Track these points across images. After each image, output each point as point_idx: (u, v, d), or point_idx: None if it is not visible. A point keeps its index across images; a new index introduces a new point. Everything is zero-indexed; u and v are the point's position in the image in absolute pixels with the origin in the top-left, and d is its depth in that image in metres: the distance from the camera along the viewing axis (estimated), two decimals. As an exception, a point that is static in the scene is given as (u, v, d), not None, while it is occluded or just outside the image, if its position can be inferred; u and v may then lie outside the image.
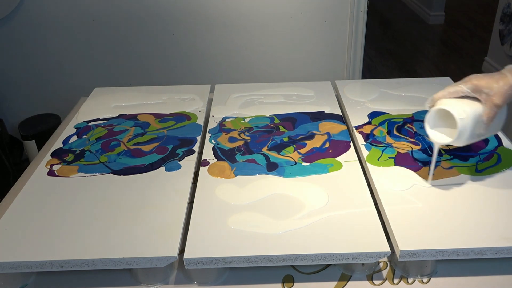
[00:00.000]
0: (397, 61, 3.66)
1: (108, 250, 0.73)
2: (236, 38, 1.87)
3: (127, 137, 1.06)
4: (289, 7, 1.82)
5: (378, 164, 0.93)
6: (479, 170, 0.91)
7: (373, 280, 0.76)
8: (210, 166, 0.95)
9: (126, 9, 1.80)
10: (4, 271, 0.73)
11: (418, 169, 0.91)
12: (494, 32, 3.22)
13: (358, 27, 1.86)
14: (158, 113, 1.17)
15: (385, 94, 1.23)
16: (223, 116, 1.15)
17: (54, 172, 0.94)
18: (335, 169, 0.92)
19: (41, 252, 0.74)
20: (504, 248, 0.72)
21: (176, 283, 0.77)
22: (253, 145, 1.02)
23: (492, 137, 1.01)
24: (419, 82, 1.30)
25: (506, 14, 3.03)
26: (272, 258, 0.72)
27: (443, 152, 0.97)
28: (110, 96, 1.28)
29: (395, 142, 1.00)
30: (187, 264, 0.72)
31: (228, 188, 0.88)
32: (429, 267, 0.77)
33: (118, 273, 0.79)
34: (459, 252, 0.72)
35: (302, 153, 0.98)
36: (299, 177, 0.90)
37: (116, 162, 0.97)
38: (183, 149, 1.01)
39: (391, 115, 1.12)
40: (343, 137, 1.03)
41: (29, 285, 0.78)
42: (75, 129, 1.12)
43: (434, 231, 0.75)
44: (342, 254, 0.72)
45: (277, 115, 1.14)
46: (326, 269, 0.79)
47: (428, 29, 4.37)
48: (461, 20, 4.51)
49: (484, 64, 3.41)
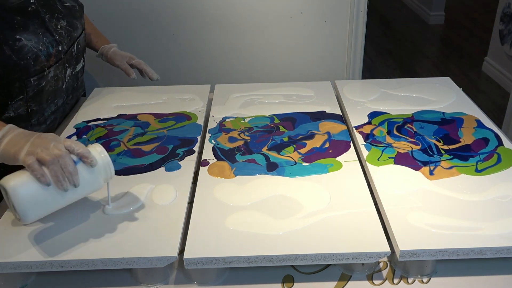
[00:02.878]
0: (397, 61, 3.66)
1: (108, 250, 0.73)
2: (236, 38, 1.87)
3: (127, 137, 1.06)
4: (289, 7, 1.82)
5: (378, 164, 0.93)
6: (479, 170, 0.91)
7: (373, 280, 0.76)
8: (210, 166, 0.95)
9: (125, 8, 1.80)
10: (4, 271, 0.73)
11: (418, 168, 0.91)
12: (494, 32, 3.22)
13: (358, 27, 1.86)
14: (158, 113, 1.17)
15: (385, 94, 1.23)
16: (223, 116, 1.15)
17: (54, 172, 0.94)
18: (335, 169, 0.92)
19: (41, 252, 0.74)
20: (504, 248, 0.72)
21: (176, 283, 0.77)
22: (253, 145, 1.02)
23: (492, 137, 1.02)
24: (419, 82, 1.30)
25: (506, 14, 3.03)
26: (272, 258, 0.72)
27: (443, 152, 0.97)
28: (110, 96, 1.28)
29: (395, 142, 1.00)
30: (187, 264, 0.72)
31: (228, 188, 0.88)
32: (429, 267, 0.77)
33: (118, 273, 0.79)
34: (459, 252, 0.72)
35: (302, 153, 0.98)
36: (299, 177, 0.90)
37: (116, 162, 0.97)
38: (183, 149, 1.01)
39: (391, 115, 1.12)
40: (343, 137, 1.03)
41: (29, 285, 0.78)
42: (75, 129, 1.11)
43: (434, 231, 0.75)
44: (342, 254, 0.72)
45: (277, 115, 1.14)
46: (326, 269, 0.79)
47: (428, 29, 4.37)
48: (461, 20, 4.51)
49: (484, 64, 3.41)
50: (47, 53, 1.03)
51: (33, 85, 1.02)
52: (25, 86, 1.01)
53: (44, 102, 1.09)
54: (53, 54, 1.05)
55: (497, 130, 1.04)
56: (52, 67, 1.06)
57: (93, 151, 0.77)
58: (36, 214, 0.75)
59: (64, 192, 0.74)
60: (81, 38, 1.20)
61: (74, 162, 0.74)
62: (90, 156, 0.75)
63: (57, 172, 0.72)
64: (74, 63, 1.19)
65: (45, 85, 1.06)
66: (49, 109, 1.12)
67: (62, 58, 1.10)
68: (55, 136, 0.78)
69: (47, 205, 0.74)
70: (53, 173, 0.72)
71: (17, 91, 1.01)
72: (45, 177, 0.72)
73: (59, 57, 1.08)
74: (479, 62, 3.50)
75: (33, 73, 1.01)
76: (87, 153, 0.75)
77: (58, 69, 1.09)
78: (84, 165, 0.75)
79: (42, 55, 1.02)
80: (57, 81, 1.11)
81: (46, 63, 1.04)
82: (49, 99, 1.10)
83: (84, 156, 0.74)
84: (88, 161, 0.75)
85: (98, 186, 0.79)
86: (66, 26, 1.12)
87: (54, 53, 1.05)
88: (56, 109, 1.16)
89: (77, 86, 1.27)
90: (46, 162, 0.72)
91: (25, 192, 0.71)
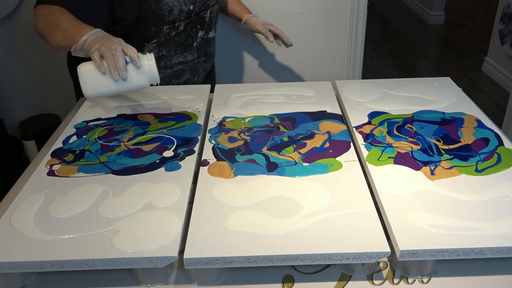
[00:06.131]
0: (397, 61, 3.66)
1: (108, 250, 0.73)
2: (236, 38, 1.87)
3: (127, 137, 1.06)
4: (289, 7, 1.82)
5: (378, 164, 0.93)
6: (479, 170, 0.91)
7: (373, 280, 0.76)
8: (210, 166, 0.95)
9: (126, 9, 1.80)
10: (4, 271, 0.73)
11: (418, 168, 0.91)
12: (494, 32, 3.22)
13: (358, 27, 1.86)
14: (158, 113, 1.17)
15: (385, 94, 1.23)
16: (223, 116, 1.15)
17: (54, 172, 0.94)
18: (335, 169, 0.92)
19: (41, 252, 0.74)
20: (504, 248, 0.72)
21: (176, 283, 0.77)
22: (253, 145, 1.02)
23: (492, 137, 1.02)
24: (419, 82, 1.30)
25: (506, 14, 3.03)
26: (272, 258, 0.72)
27: (443, 152, 0.97)
28: (110, 96, 1.28)
29: (395, 142, 1.00)
30: (187, 264, 0.72)
31: (228, 188, 0.88)
32: (429, 267, 0.77)
33: (118, 273, 0.79)
34: (459, 252, 0.72)
35: (302, 153, 0.98)
36: (299, 177, 0.90)
37: (116, 162, 0.97)
38: (184, 149, 1.01)
39: (391, 115, 1.12)
40: (343, 137, 1.03)
41: (29, 285, 0.78)
42: (75, 129, 1.12)
43: (434, 231, 0.75)
44: (342, 254, 0.72)
45: (277, 114, 1.14)
46: (326, 269, 0.79)
47: (428, 29, 4.37)
48: (461, 20, 4.51)
49: (484, 64, 3.41)
50: (180, 9, 1.26)
51: (165, 33, 1.27)
52: (158, 32, 1.26)
53: (173, 50, 1.32)
54: (184, 11, 1.27)
55: (497, 130, 1.04)
56: (183, 22, 1.28)
57: (143, 58, 1.00)
58: (94, 93, 1.00)
59: (115, 82, 0.98)
60: (214, 8, 1.39)
61: (126, 61, 0.98)
62: (136, 59, 0.98)
63: (111, 65, 0.97)
64: (207, 28, 1.38)
65: (175, 36, 1.29)
66: (177, 58, 1.35)
67: (193, 18, 1.30)
68: (120, 41, 1.00)
69: (102, 87, 0.99)
70: (108, 65, 0.97)
71: (152, 35, 1.27)
72: (101, 67, 0.97)
73: (189, 15, 1.29)
74: (479, 62, 3.50)
75: (166, 23, 1.26)
76: (135, 57, 0.98)
77: (189, 26, 1.31)
78: (133, 65, 0.99)
79: (176, 9, 1.25)
80: (187, 37, 1.33)
81: (177, 17, 1.27)
82: (177, 50, 1.33)
83: (132, 58, 0.98)
84: (134, 63, 0.98)
85: (143, 84, 1.02)
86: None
87: (186, 10, 1.27)
88: (184, 61, 1.37)
89: (210, 52, 1.46)
90: (105, 56, 0.97)
91: (87, 75, 0.98)
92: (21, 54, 1.93)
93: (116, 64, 0.96)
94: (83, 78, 0.98)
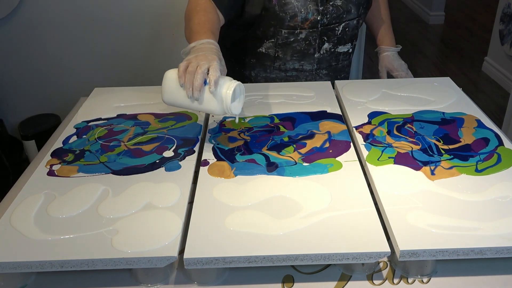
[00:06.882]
0: (397, 61, 3.65)
1: (108, 250, 0.73)
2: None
3: (127, 137, 1.06)
4: (289, 7, 1.82)
5: (378, 164, 0.93)
6: (479, 170, 0.91)
7: (373, 280, 0.76)
8: (210, 166, 0.95)
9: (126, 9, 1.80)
10: (4, 271, 0.73)
11: (418, 168, 0.91)
12: (494, 32, 3.22)
13: (358, 27, 1.86)
14: (158, 113, 1.17)
15: (385, 94, 1.23)
16: (223, 116, 1.15)
17: (54, 172, 0.94)
18: (335, 169, 0.92)
19: (41, 252, 0.74)
20: (504, 248, 0.72)
21: (176, 283, 0.77)
22: (253, 145, 1.02)
23: (492, 137, 1.02)
24: (419, 82, 1.30)
25: (506, 14, 3.03)
26: (272, 258, 0.72)
27: (443, 152, 0.97)
28: (110, 96, 1.28)
29: (395, 142, 1.00)
30: (187, 264, 0.72)
31: (228, 188, 0.88)
32: (429, 267, 0.77)
33: (118, 273, 0.79)
34: (459, 252, 0.72)
35: (302, 153, 0.98)
36: (299, 177, 0.90)
37: (116, 162, 0.97)
38: (184, 149, 1.01)
39: (391, 115, 1.12)
40: (343, 137, 1.03)
41: (29, 285, 0.78)
42: (75, 129, 1.11)
43: (434, 231, 0.75)
44: (342, 254, 0.72)
45: (277, 114, 1.14)
46: (326, 269, 0.79)
47: (428, 29, 4.37)
48: (461, 20, 4.52)
49: (484, 64, 3.41)
50: (305, 17, 1.22)
51: (283, 36, 1.25)
52: (276, 33, 1.24)
53: (289, 56, 1.29)
54: (310, 20, 1.22)
55: (497, 130, 1.04)
56: (305, 30, 1.24)
57: (223, 85, 0.93)
58: (168, 101, 0.99)
59: (188, 97, 0.94)
60: (352, 23, 1.31)
61: (204, 82, 0.92)
62: (211, 83, 0.92)
63: (188, 81, 0.93)
64: (336, 41, 1.31)
65: (293, 42, 1.26)
66: (292, 64, 1.31)
67: (319, 28, 1.25)
68: (211, 60, 0.95)
69: (175, 98, 0.97)
70: (186, 79, 0.93)
71: (271, 34, 1.26)
72: (181, 78, 0.94)
73: (315, 25, 1.24)
74: (479, 62, 3.50)
75: (286, 27, 1.23)
76: (211, 80, 0.92)
77: (312, 36, 1.26)
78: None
79: (300, 16, 1.21)
80: (308, 46, 1.28)
81: (299, 24, 1.23)
82: (294, 56, 1.30)
83: (208, 81, 0.92)
84: (209, 86, 0.92)
85: (215, 111, 0.95)
86: (339, 5, 1.25)
87: (312, 20, 1.22)
88: (301, 69, 1.33)
89: (337, 67, 1.38)
90: (188, 70, 0.93)
91: (169, 80, 0.97)
92: (21, 54, 1.93)
93: (194, 81, 0.92)
94: (164, 82, 0.98)
